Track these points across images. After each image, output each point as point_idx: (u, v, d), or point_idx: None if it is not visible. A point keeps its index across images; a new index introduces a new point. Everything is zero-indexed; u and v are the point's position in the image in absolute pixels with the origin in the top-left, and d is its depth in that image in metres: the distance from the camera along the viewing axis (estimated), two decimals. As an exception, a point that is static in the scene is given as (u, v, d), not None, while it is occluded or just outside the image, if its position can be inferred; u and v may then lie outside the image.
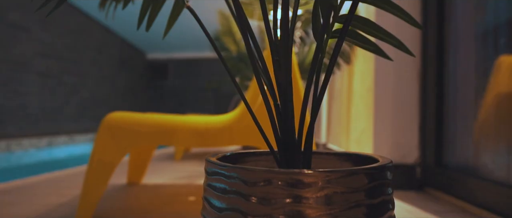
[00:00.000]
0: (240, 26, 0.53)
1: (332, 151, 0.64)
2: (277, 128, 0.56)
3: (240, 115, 1.39)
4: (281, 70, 0.54)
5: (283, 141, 0.56)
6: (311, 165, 0.60)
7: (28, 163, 4.48)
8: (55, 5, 0.46)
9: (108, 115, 1.34)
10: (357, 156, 0.62)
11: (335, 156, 0.64)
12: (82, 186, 1.26)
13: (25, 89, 5.21)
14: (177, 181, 2.00)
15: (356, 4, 0.47)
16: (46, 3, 0.47)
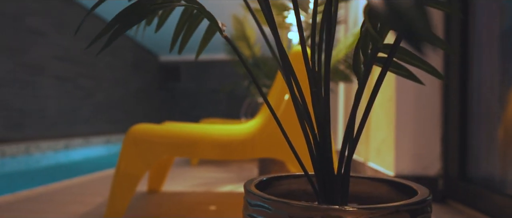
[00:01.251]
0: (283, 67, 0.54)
1: (366, 176, 0.64)
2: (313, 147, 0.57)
3: (262, 127, 1.40)
4: (319, 102, 0.55)
5: (321, 171, 0.57)
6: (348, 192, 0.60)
7: (46, 166, 4.57)
8: (106, 42, 0.48)
9: (133, 127, 1.37)
10: (392, 182, 0.62)
11: (369, 181, 0.64)
12: (109, 197, 1.29)
13: (42, 93, 5.31)
14: (196, 188, 2.03)
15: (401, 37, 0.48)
16: (99, 37, 0.49)
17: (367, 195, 0.64)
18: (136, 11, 0.51)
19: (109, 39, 0.49)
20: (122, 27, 0.49)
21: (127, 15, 0.51)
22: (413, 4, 0.22)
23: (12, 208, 1.56)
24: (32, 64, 5.12)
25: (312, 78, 0.56)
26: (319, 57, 0.58)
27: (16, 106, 4.85)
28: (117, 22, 0.50)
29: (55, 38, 5.58)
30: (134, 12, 0.51)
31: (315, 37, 0.59)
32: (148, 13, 0.51)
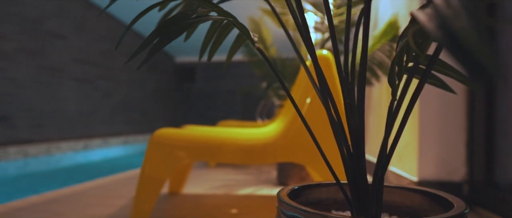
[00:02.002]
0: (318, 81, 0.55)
1: (399, 186, 0.64)
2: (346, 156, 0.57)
3: (284, 131, 1.40)
4: (353, 114, 0.55)
5: (354, 181, 0.57)
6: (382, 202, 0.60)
7: (66, 166, 4.67)
8: (146, 57, 0.49)
9: (156, 131, 1.39)
10: (424, 192, 0.62)
11: (402, 190, 0.64)
12: (134, 200, 1.31)
13: (62, 94, 5.43)
14: (216, 191, 2.04)
15: (440, 49, 0.48)
16: (138, 52, 0.50)
17: (399, 205, 0.64)
18: (175, 25, 0.52)
19: (149, 53, 0.50)
20: (162, 42, 0.50)
21: (166, 29, 0.52)
22: (476, 37, 0.22)
23: (38, 209, 1.60)
24: (52, 66, 5.24)
25: (346, 89, 0.56)
26: (352, 68, 0.59)
27: (38, 108, 4.97)
28: (156, 36, 0.52)
29: (74, 41, 5.70)
30: (173, 26, 0.52)
31: (348, 48, 0.59)
32: (187, 27, 0.52)
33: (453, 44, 0.24)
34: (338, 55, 0.58)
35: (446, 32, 0.25)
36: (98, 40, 6.30)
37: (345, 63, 0.60)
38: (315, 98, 1.43)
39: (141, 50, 0.52)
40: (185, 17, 0.54)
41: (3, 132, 4.43)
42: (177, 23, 0.52)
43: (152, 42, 0.52)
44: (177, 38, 0.53)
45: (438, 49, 0.48)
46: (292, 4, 0.61)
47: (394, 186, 0.63)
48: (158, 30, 0.52)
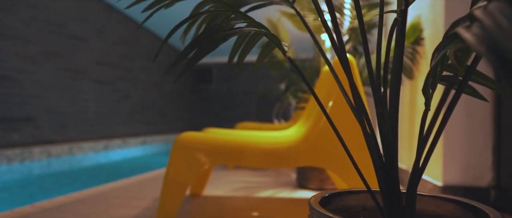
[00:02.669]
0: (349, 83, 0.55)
1: (431, 194, 0.64)
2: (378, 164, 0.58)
3: (306, 135, 1.40)
4: (386, 123, 0.56)
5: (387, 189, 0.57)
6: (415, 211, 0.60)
7: (88, 166, 4.78)
8: (183, 70, 0.51)
9: (180, 135, 1.42)
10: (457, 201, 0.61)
11: (434, 199, 0.64)
12: (159, 202, 1.34)
13: (84, 96, 5.56)
14: (236, 193, 2.06)
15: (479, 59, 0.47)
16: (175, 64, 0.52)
17: (431, 214, 0.64)
18: (210, 37, 0.53)
19: (186, 65, 0.51)
20: (199, 54, 0.52)
21: (202, 41, 0.53)
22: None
23: (65, 210, 1.65)
24: (74, 69, 5.36)
25: (378, 99, 0.57)
26: (385, 77, 0.59)
27: (61, 109, 5.10)
28: (192, 48, 0.53)
29: (95, 43, 5.82)
30: (208, 38, 0.53)
31: (380, 56, 0.59)
32: (222, 39, 0.53)
33: (505, 66, 0.24)
34: (371, 63, 0.59)
35: (498, 54, 0.25)
36: (117, 43, 6.42)
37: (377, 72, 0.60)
38: (337, 102, 1.43)
39: (177, 63, 0.54)
40: (219, 29, 0.55)
41: (28, 132, 4.57)
42: (212, 35, 0.54)
43: (189, 54, 0.53)
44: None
45: (475, 61, 0.48)
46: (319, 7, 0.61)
47: (427, 194, 0.63)
48: (194, 43, 0.53)
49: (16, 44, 4.37)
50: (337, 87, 1.45)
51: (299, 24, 2.87)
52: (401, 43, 0.50)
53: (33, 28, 4.60)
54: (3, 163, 3.87)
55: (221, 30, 0.55)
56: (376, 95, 0.57)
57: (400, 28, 0.50)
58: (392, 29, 0.55)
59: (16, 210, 1.64)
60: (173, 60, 0.53)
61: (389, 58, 0.57)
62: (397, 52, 0.51)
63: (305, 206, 1.76)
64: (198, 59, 0.52)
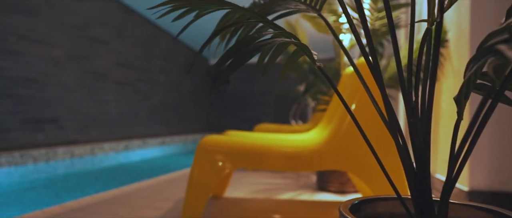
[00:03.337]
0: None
1: (464, 202, 0.63)
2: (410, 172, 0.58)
3: (329, 138, 1.41)
4: (418, 134, 0.56)
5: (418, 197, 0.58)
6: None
7: (109, 166, 4.89)
8: (219, 80, 0.52)
9: (203, 138, 1.44)
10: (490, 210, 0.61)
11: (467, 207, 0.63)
12: (183, 204, 1.37)
13: (105, 97, 5.69)
14: (256, 195, 2.07)
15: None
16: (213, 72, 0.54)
17: (462, 223, 0.63)
18: (245, 48, 0.55)
19: (223, 75, 0.53)
20: (235, 64, 0.53)
21: (237, 51, 0.55)
22: None
23: (92, 210, 1.70)
24: (96, 71, 5.49)
25: (410, 108, 0.57)
26: (416, 85, 0.59)
27: (83, 111, 5.24)
28: (229, 58, 0.55)
29: (116, 46, 5.94)
30: (243, 49, 0.55)
31: (411, 65, 0.60)
32: (256, 49, 0.55)
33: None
34: (402, 72, 0.59)
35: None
36: (136, 45, 6.53)
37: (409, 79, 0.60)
38: (360, 104, 1.42)
39: (215, 71, 0.55)
40: (253, 39, 0.57)
41: (53, 133, 4.71)
42: (246, 46, 0.55)
43: (224, 64, 0.55)
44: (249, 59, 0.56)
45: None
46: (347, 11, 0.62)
47: (459, 202, 0.63)
48: (229, 52, 0.55)
49: (41, 47, 4.51)
50: (360, 90, 1.44)
51: (318, 26, 2.86)
52: (435, 56, 0.50)
53: (57, 31, 4.74)
54: (29, 162, 4.00)
55: (254, 41, 0.56)
56: (407, 103, 0.57)
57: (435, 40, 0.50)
58: (424, 40, 0.55)
59: (46, 210, 1.70)
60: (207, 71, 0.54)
61: (420, 67, 0.57)
62: (432, 65, 0.52)
63: (326, 209, 1.76)
64: (233, 71, 0.54)
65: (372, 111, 1.40)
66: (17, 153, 3.86)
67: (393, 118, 0.56)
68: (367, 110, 1.40)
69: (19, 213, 2.31)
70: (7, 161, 3.74)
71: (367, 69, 1.43)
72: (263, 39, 0.57)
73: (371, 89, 1.42)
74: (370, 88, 1.41)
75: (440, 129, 1.85)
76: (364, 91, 1.43)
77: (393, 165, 1.36)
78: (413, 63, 0.85)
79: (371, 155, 1.35)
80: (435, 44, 0.51)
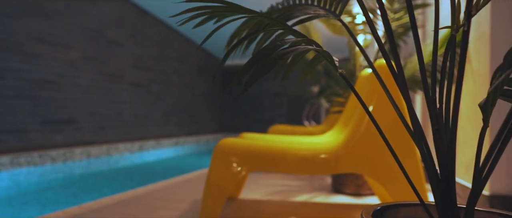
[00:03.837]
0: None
1: (490, 210, 0.63)
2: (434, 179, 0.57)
3: (346, 141, 1.40)
4: (443, 141, 0.55)
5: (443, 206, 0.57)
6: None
7: (124, 166, 4.96)
8: (243, 88, 0.53)
9: (220, 141, 1.45)
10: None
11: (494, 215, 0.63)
12: (201, 206, 1.38)
13: (120, 98, 5.77)
14: (272, 197, 2.08)
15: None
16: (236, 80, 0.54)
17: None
18: (267, 56, 0.55)
19: (247, 83, 0.54)
20: (258, 73, 0.54)
21: (259, 60, 0.55)
22: None
23: (111, 211, 1.73)
24: (111, 72, 5.58)
25: (434, 115, 0.57)
26: (441, 92, 0.59)
27: (99, 112, 5.32)
28: (251, 67, 0.55)
29: (130, 47, 6.02)
30: (265, 57, 0.55)
31: (435, 71, 0.59)
32: (279, 58, 0.55)
33: None
34: (426, 78, 0.59)
35: None
36: (150, 46, 6.61)
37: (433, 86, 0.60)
38: (377, 107, 1.42)
39: (238, 79, 0.56)
40: (276, 48, 0.57)
41: (70, 134, 4.80)
42: (269, 54, 0.56)
43: (248, 72, 0.56)
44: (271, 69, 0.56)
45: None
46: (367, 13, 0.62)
47: (484, 209, 0.62)
48: (252, 61, 0.56)
49: (58, 49, 4.60)
50: (377, 92, 1.43)
51: (333, 27, 2.85)
52: (462, 65, 0.50)
53: (73, 34, 4.83)
54: (47, 163, 4.09)
55: (277, 49, 0.57)
56: (431, 110, 0.57)
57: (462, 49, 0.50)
58: (449, 48, 0.55)
59: (66, 210, 1.73)
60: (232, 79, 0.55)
61: (445, 75, 0.56)
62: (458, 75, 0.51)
63: (342, 212, 1.75)
64: (258, 78, 0.54)
65: (388, 113, 1.39)
66: (36, 153, 3.95)
67: (416, 124, 0.56)
68: (384, 112, 1.40)
69: (38, 213, 2.36)
70: (26, 161, 3.83)
71: (384, 71, 1.42)
72: (285, 47, 0.57)
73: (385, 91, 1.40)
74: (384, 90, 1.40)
75: (458, 131, 1.82)
76: (380, 93, 1.42)
77: (411, 167, 1.35)
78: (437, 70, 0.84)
79: (388, 158, 1.34)
80: (462, 53, 0.50)
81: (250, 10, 0.65)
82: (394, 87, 1.41)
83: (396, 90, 1.40)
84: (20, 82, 4.10)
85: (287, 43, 0.58)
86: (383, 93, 1.42)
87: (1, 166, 3.60)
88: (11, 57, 4.00)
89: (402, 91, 0.60)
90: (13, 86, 4.02)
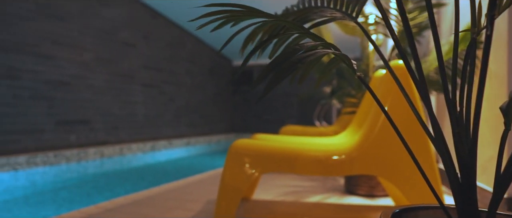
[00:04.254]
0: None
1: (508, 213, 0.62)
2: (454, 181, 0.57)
3: (360, 142, 1.40)
4: (463, 145, 0.55)
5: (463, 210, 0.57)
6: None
7: (137, 166, 5.01)
8: (263, 92, 0.53)
9: (234, 142, 1.46)
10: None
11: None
12: (215, 207, 1.39)
13: (133, 99, 5.83)
14: (284, 197, 2.08)
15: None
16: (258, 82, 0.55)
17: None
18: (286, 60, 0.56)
19: (266, 88, 0.54)
20: (278, 77, 0.54)
21: (279, 65, 0.56)
22: None
23: (126, 211, 1.75)
24: (124, 73, 5.64)
25: (454, 118, 0.56)
26: (461, 95, 0.58)
27: (113, 112, 5.39)
28: (270, 71, 0.56)
29: (142, 48, 6.09)
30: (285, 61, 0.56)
31: (456, 72, 0.59)
32: (299, 62, 0.55)
33: None
34: (446, 80, 0.58)
35: None
36: (162, 47, 6.67)
37: (454, 89, 0.59)
38: (391, 108, 1.41)
39: (259, 83, 0.56)
40: (295, 52, 0.58)
41: (84, 134, 4.87)
42: (288, 58, 0.56)
43: (268, 75, 0.56)
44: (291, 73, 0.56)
45: None
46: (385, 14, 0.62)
47: (505, 213, 0.62)
48: (272, 65, 0.56)
49: (73, 51, 4.68)
50: (392, 93, 1.43)
51: (345, 27, 2.83)
52: (484, 71, 0.50)
53: (87, 36, 4.90)
54: (62, 162, 4.16)
55: (296, 53, 0.57)
56: (452, 113, 0.56)
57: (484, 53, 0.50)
58: (469, 51, 0.55)
59: (82, 210, 1.77)
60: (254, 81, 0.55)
61: (466, 79, 0.56)
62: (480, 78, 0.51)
63: (355, 214, 1.75)
64: (277, 82, 0.55)
65: (403, 114, 1.38)
66: (51, 153, 4.02)
67: (437, 128, 0.56)
68: (398, 113, 1.39)
69: (54, 212, 2.41)
70: (42, 160, 3.91)
71: (400, 71, 1.41)
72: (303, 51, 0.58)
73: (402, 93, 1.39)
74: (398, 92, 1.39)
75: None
76: (395, 94, 1.42)
77: (427, 169, 1.34)
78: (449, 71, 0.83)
79: (403, 159, 1.33)
80: (485, 57, 0.50)
81: (268, 14, 0.66)
82: (409, 89, 1.40)
83: (411, 92, 1.39)
84: (36, 83, 4.18)
85: (305, 47, 0.59)
86: (397, 95, 1.42)
87: (18, 166, 3.67)
88: (27, 59, 4.08)
89: (422, 93, 0.60)
90: (29, 88, 4.11)
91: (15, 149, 3.99)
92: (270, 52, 0.85)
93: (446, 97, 0.57)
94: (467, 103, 0.56)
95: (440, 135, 0.56)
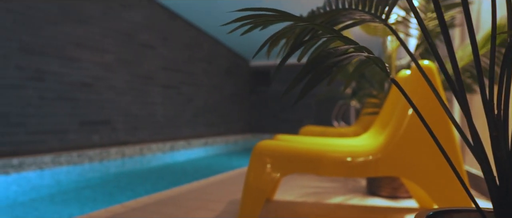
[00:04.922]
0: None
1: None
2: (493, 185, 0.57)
3: (385, 143, 1.39)
4: (501, 148, 0.55)
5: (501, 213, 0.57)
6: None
7: (156, 166, 5.09)
8: (299, 95, 0.54)
9: (258, 143, 1.47)
10: None
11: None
12: (240, 208, 1.40)
13: (152, 100, 5.93)
14: (306, 198, 2.08)
15: None
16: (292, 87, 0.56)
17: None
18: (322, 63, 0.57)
19: (302, 91, 0.55)
20: (314, 80, 0.55)
21: (314, 68, 0.57)
22: None
23: (150, 210, 1.79)
24: (144, 74, 5.74)
25: (492, 121, 0.56)
26: (499, 97, 0.58)
27: (133, 113, 5.49)
28: (306, 74, 0.57)
29: (161, 50, 6.18)
30: (320, 64, 0.57)
31: (493, 77, 0.59)
32: (334, 66, 0.56)
33: None
34: (483, 81, 0.58)
35: None
36: (180, 48, 6.75)
37: (491, 92, 0.59)
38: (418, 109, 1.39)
39: (294, 86, 0.57)
40: (330, 55, 0.58)
41: (106, 134, 4.98)
42: (323, 62, 0.57)
43: (304, 78, 0.57)
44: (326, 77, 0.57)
45: None
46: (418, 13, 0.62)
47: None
48: (308, 68, 0.57)
49: (95, 53, 4.79)
50: (417, 94, 1.41)
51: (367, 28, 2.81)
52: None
53: (108, 38, 5.01)
54: (85, 162, 4.27)
55: (331, 57, 0.58)
56: (489, 117, 0.56)
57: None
58: (507, 55, 0.54)
59: (109, 209, 1.81)
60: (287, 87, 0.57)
61: (503, 80, 0.56)
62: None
63: (379, 216, 1.73)
64: (313, 85, 0.55)
65: (428, 115, 1.37)
66: (75, 153, 4.13)
67: (474, 132, 0.56)
68: (424, 114, 1.37)
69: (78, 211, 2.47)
70: (66, 160, 4.01)
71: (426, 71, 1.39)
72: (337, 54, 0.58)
73: (427, 93, 1.38)
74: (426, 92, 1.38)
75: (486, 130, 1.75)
76: (421, 95, 1.40)
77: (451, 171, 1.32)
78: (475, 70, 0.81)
79: (429, 161, 1.32)
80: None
81: (299, 18, 0.67)
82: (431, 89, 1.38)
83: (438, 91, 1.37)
84: (60, 85, 4.30)
85: (340, 50, 0.59)
86: (422, 95, 1.40)
87: (44, 165, 3.79)
88: (52, 61, 4.20)
89: (458, 95, 0.59)
90: (53, 89, 4.23)
91: (41, 148, 4.11)
92: (299, 55, 0.86)
93: (484, 100, 0.57)
94: (505, 106, 0.56)
95: (477, 138, 0.56)
